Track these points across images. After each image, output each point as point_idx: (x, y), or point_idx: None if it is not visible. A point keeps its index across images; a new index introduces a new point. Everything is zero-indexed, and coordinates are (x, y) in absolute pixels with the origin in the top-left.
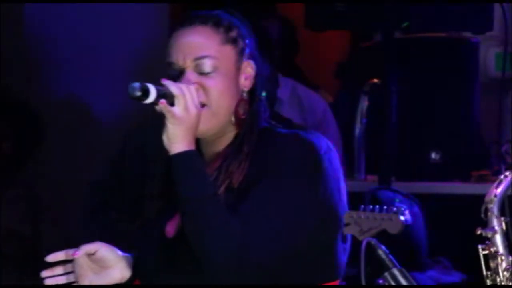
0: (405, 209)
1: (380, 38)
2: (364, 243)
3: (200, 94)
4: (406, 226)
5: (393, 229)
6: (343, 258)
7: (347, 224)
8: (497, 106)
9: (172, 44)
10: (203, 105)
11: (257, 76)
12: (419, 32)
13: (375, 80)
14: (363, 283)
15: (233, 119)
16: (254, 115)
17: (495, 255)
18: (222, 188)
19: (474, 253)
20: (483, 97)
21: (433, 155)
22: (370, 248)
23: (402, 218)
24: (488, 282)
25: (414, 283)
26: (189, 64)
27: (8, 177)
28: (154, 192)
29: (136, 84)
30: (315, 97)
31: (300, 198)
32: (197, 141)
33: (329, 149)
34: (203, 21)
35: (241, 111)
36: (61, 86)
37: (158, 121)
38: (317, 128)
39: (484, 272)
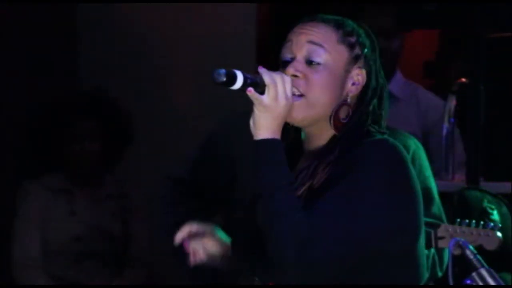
0: (496, 226)
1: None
2: (452, 243)
3: (301, 84)
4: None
5: (490, 246)
6: (423, 264)
7: (442, 238)
8: None
9: (290, 34)
10: (300, 95)
11: (368, 87)
12: (509, 31)
13: (463, 80)
14: (451, 283)
15: (331, 120)
16: (355, 122)
17: None
18: (304, 187)
19: None
20: None
21: None
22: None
23: (499, 234)
24: None
25: (502, 284)
26: (301, 48)
27: (98, 177)
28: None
29: (222, 70)
30: (434, 100)
31: (375, 204)
32: (301, 139)
33: (417, 147)
34: (326, 21)
35: (342, 114)
36: (148, 86)
37: (241, 121)
38: (432, 130)
39: None
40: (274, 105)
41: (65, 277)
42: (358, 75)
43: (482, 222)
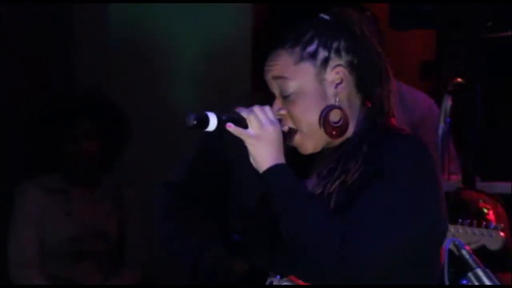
0: (499, 225)
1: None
2: (448, 243)
3: (288, 120)
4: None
5: (493, 245)
6: (439, 266)
7: None
8: None
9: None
10: (294, 131)
11: (361, 74)
12: (505, 31)
13: (459, 80)
14: (447, 283)
15: (322, 128)
16: (371, 114)
17: None
18: (336, 183)
19: None
20: None
21: None
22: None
23: (502, 234)
24: None
25: (498, 284)
26: (273, 86)
27: (95, 177)
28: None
29: (192, 115)
30: (419, 95)
31: (413, 208)
32: None
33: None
34: (282, 44)
35: (333, 118)
36: (145, 87)
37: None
38: (420, 126)
39: None
40: (262, 132)
41: (62, 277)
42: (337, 74)
43: (484, 223)
